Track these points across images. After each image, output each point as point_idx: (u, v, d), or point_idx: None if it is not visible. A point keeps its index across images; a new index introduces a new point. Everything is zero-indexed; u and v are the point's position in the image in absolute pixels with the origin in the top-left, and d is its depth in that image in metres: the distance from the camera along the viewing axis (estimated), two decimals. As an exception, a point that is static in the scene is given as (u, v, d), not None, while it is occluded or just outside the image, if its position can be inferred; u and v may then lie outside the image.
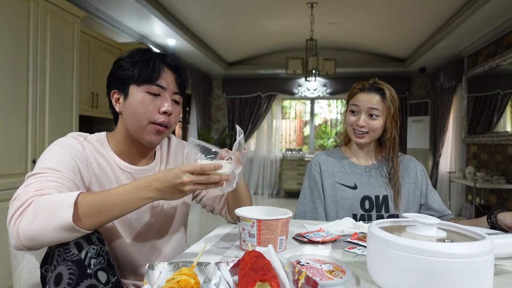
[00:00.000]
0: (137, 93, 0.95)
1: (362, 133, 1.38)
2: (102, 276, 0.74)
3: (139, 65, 0.94)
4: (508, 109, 4.06)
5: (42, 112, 2.47)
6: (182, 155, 1.16)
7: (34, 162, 2.38)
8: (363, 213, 1.38)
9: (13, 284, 0.96)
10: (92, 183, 0.93)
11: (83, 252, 0.73)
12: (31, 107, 2.37)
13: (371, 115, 1.36)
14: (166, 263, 0.68)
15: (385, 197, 1.40)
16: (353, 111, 1.39)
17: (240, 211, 0.96)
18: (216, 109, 7.46)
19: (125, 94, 0.96)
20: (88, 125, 3.68)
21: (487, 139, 4.43)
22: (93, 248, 0.75)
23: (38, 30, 2.42)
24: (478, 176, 4.09)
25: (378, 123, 1.37)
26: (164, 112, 0.95)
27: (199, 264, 0.69)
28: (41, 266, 0.80)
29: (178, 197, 0.80)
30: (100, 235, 0.80)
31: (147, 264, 0.66)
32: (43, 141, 2.47)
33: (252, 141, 7.37)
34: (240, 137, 0.86)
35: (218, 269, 0.69)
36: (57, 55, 2.59)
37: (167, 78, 0.97)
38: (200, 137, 6.63)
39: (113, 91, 0.99)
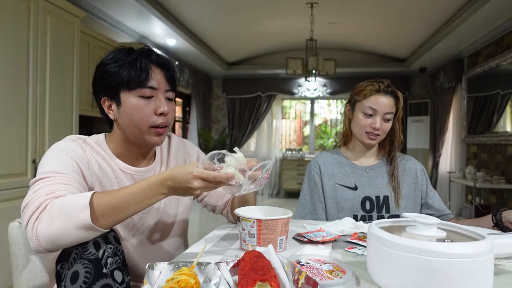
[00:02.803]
0: (130, 99, 0.92)
1: (376, 135, 1.38)
2: (118, 275, 0.74)
3: (125, 68, 0.91)
4: (508, 109, 4.06)
5: (42, 112, 2.47)
6: (183, 154, 1.16)
7: (34, 162, 2.38)
8: (364, 213, 1.38)
9: (13, 284, 0.96)
10: (94, 184, 0.93)
11: (101, 251, 0.74)
12: (31, 107, 2.37)
13: (385, 118, 1.36)
14: (166, 263, 0.69)
15: (386, 198, 1.39)
16: (368, 114, 1.36)
17: (240, 211, 0.96)
18: (216, 109, 7.46)
19: (117, 102, 0.93)
20: (88, 125, 3.68)
21: (487, 139, 4.43)
22: (110, 247, 0.75)
23: (38, 30, 2.42)
24: (478, 176, 4.09)
25: (390, 125, 1.38)
26: (161, 113, 0.94)
27: (199, 264, 0.69)
28: (57, 263, 0.80)
29: (188, 195, 0.83)
30: (116, 234, 0.80)
31: (147, 264, 0.66)
32: (43, 141, 2.47)
33: (252, 141, 7.37)
34: (270, 163, 0.84)
35: (218, 269, 0.69)
36: (57, 55, 2.59)
37: (156, 77, 0.94)
38: (200, 137, 6.63)
39: (103, 99, 0.96)
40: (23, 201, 0.78)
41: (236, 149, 0.86)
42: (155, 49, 1.00)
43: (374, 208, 1.38)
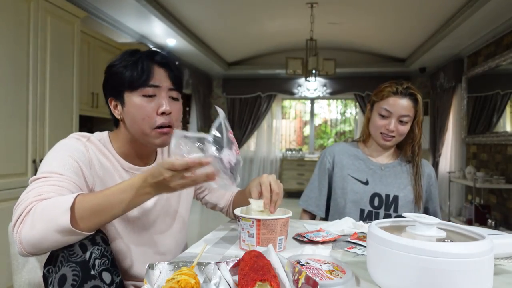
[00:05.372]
0: (132, 99, 0.93)
1: (390, 137, 1.38)
2: (107, 276, 0.74)
3: (128, 69, 0.92)
4: (507, 109, 4.06)
5: (42, 112, 2.47)
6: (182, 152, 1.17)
7: (34, 162, 2.38)
8: (371, 209, 1.39)
9: (14, 284, 0.96)
10: (95, 184, 0.92)
11: (88, 253, 0.74)
12: (31, 107, 2.37)
13: (401, 121, 1.36)
14: (166, 263, 0.69)
15: (396, 197, 1.40)
16: (384, 115, 1.37)
17: (239, 211, 0.97)
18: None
19: (122, 102, 0.95)
20: (88, 125, 3.68)
21: (486, 139, 4.42)
22: (98, 249, 0.75)
23: (38, 30, 2.42)
24: (478, 176, 4.08)
25: (406, 128, 1.38)
26: (163, 113, 0.93)
27: (199, 264, 0.69)
28: (44, 267, 0.80)
29: (171, 191, 0.78)
30: (104, 236, 0.80)
31: (147, 264, 0.66)
32: (44, 141, 2.47)
33: (252, 141, 7.37)
34: (221, 118, 0.78)
35: (218, 269, 0.69)
36: (57, 55, 2.59)
37: (159, 76, 0.94)
38: (200, 137, 6.62)
39: (110, 99, 0.97)
40: (18, 200, 0.78)
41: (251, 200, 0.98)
42: (160, 51, 1.00)
43: (382, 206, 1.39)
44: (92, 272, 0.72)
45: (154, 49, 1.00)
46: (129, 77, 0.92)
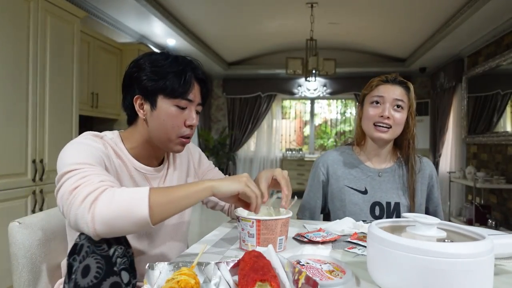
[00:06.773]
0: (166, 106, 0.94)
1: (386, 127, 1.27)
2: (125, 276, 0.74)
3: (170, 78, 0.93)
4: (508, 109, 4.06)
5: (42, 112, 2.47)
6: (187, 154, 1.18)
7: (34, 162, 2.38)
8: (373, 220, 1.30)
9: (13, 284, 0.96)
10: None
11: (112, 250, 0.73)
12: (31, 107, 2.37)
13: (396, 106, 1.27)
14: (166, 263, 0.69)
15: (397, 205, 1.32)
16: (376, 102, 1.28)
17: (239, 211, 0.97)
18: (216, 109, 7.45)
19: (152, 104, 0.95)
20: (88, 125, 3.68)
21: (487, 139, 4.42)
22: (121, 248, 0.75)
23: (38, 30, 2.42)
24: (478, 176, 4.08)
25: (402, 116, 1.27)
26: (189, 125, 0.97)
27: (199, 264, 0.69)
28: (69, 256, 0.79)
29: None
30: (126, 238, 0.80)
31: (147, 264, 0.66)
32: (43, 141, 2.47)
33: (252, 141, 7.36)
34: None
35: (218, 269, 0.69)
36: (57, 55, 2.59)
37: (195, 91, 0.97)
38: (200, 137, 6.62)
39: (136, 97, 0.96)
40: (64, 189, 0.75)
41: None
42: (199, 63, 1.02)
43: (384, 215, 1.32)
44: (115, 268, 0.72)
45: (196, 62, 1.01)
46: (171, 85, 0.93)
